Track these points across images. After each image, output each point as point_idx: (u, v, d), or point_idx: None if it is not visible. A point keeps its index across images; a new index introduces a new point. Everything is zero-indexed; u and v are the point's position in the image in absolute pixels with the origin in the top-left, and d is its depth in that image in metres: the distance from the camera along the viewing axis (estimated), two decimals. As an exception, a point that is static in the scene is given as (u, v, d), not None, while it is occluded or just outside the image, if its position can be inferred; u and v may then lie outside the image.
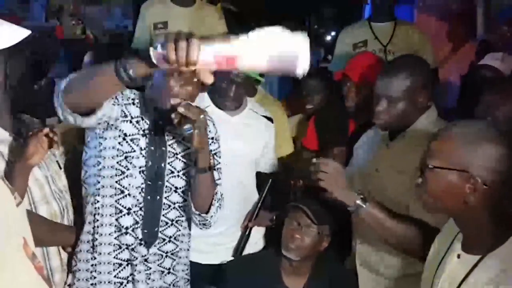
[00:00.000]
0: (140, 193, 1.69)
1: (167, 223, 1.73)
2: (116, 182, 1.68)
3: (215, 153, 1.81)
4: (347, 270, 2.06)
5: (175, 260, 1.79)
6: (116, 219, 1.68)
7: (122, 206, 1.68)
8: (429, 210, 1.33)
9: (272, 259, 2.01)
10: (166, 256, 1.76)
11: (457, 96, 3.03)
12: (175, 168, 1.73)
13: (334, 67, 3.05)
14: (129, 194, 1.68)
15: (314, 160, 1.69)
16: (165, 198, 1.72)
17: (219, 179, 1.80)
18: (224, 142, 2.07)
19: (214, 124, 1.87)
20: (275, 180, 2.32)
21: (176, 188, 1.74)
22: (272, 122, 2.30)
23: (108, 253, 1.70)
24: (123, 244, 1.69)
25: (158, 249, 1.73)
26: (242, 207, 2.24)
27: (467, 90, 2.70)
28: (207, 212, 1.75)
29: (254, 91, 2.53)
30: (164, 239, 1.73)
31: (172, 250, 1.76)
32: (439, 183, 1.25)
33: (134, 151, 1.69)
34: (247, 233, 2.22)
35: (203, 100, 2.15)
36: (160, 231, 1.72)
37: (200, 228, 1.81)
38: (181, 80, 1.60)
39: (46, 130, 1.60)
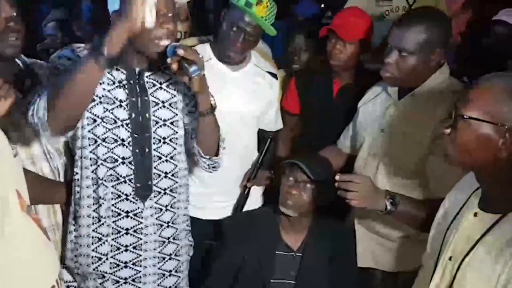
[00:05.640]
0: (127, 146, 1.64)
1: (159, 175, 1.69)
2: (109, 130, 1.63)
3: (212, 95, 1.71)
4: (345, 227, 2.06)
5: (175, 213, 1.76)
6: (113, 167, 1.65)
7: (117, 155, 1.64)
8: (453, 163, 1.27)
9: (270, 216, 2.00)
10: (166, 210, 1.73)
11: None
12: (160, 118, 1.67)
13: None
14: (122, 145, 1.64)
15: (337, 177, 1.62)
16: (155, 150, 1.67)
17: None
18: (226, 97, 2.01)
19: None
20: (274, 139, 2.29)
21: (164, 138, 1.68)
22: (277, 79, 2.22)
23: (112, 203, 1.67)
24: (122, 193, 1.66)
25: (155, 202, 1.70)
26: (243, 165, 2.21)
27: (475, 45, 2.60)
28: (216, 155, 1.71)
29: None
30: (159, 192, 1.70)
31: (170, 202, 1.74)
32: (471, 134, 1.18)
33: (114, 102, 1.62)
34: (246, 192, 2.20)
35: (205, 52, 2.07)
36: (154, 184, 1.69)
37: (210, 171, 1.78)
38: (159, 18, 1.51)
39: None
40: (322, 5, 4.04)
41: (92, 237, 1.68)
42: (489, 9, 2.82)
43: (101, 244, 1.68)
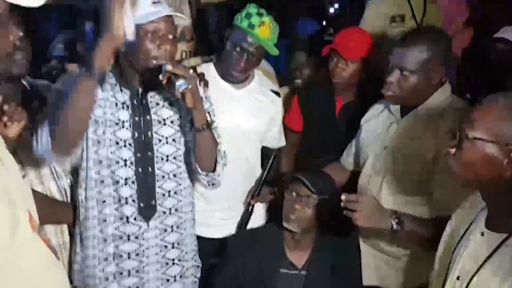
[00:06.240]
0: (130, 166, 1.65)
1: (164, 194, 1.69)
2: (111, 153, 1.65)
3: (209, 112, 1.75)
4: (350, 245, 2.06)
5: (182, 234, 1.76)
6: (115, 190, 1.65)
7: (119, 177, 1.64)
8: (458, 181, 1.28)
9: (274, 233, 2.00)
10: (172, 231, 1.73)
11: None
12: (162, 136, 1.69)
13: None
14: (125, 165, 1.65)
15: (343, 197, 1.64)
16: (158, 169, 1.68)
17: (219, 137, 1.75)
18: (230, 116, 2.04)
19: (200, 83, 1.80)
20: (277, 156, 2.30)
21: (167, 156, 1.70)
22: (279, 96, 2.25)
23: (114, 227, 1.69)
24: (124, 215, 1.66)
25: (160, 222, 1.70)
26: (246, 182, 2.22)
27: (477, 62, 2.61)
28: (213, 171, 1.71)
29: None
30: (164, 212, 1.70)
31: (176, 223, 1.73)
32: (476, 154, 1.19)
33: (117, 124, 1.64)
34: (250, 209, 2.20)
35: (209, 71, 2.09)
36: (159, 204, 1.69)
37: (210, 189, 1.79)
38: (157, 40, 1.55)
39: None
40: (324, 22, 4.09)
41: (98, 258, 1.68)
42: (490, 14, 2.80)
43: (107, 264, 1.68)
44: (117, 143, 1.64)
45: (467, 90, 2.30)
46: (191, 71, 1.54)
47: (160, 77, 1.52)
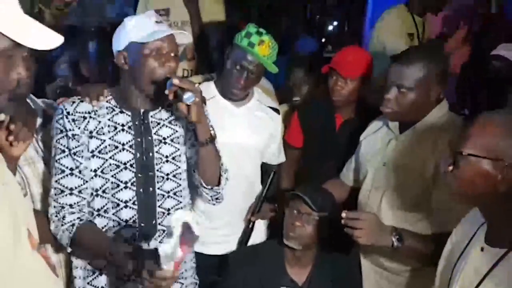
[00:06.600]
0: (130, 187, 1.65)
1: (164, 213, 1.69)
2: (112, 176, 1.64)
3: (211, 125, 1.74)
4: (351, 261, 2.06)
5: None
6: (114, 213, 1.65)
7: (119, 200, 1.64)
8: (457, 198, 1.30)
9: (275, 250, 2.00)
10: None
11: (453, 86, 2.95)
12: (163, 154, 1.69)
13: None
14: (125, 187, 1.64)
15: (344, 214, 1.65)
16: (158, 188, 1.68)
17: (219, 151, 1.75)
18: (231, 133, 2.05)
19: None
20: (277, 172, 2.31)
21: (167, 174, 1.69)
22: (279, 113, 2.27)
23: None
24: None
25: (160, 242, 1.68)
26: (247, 198, 2.23)
27: (472, 79, 2.65)
28: (218, 185, 1.72)
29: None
30: (164, 231, 1.69)
31: None
32: (471, 170, 1.21)
33: (116, 147, 1.64)
34: (250, 226, 2.21)
35: (209, 89, 2.12)
36: (159, 223, 1.68)
37: (213, 204, 1.78)
38: (161, 58, 1.57)
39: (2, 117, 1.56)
40: (323, 40, 4.15)
41: None
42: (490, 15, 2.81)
43: None
44: (118, 166, 1.63)
45: (465, 106, 2.33)
46: (196, 85, 1.56)
47: (166, 91, 1.53)
